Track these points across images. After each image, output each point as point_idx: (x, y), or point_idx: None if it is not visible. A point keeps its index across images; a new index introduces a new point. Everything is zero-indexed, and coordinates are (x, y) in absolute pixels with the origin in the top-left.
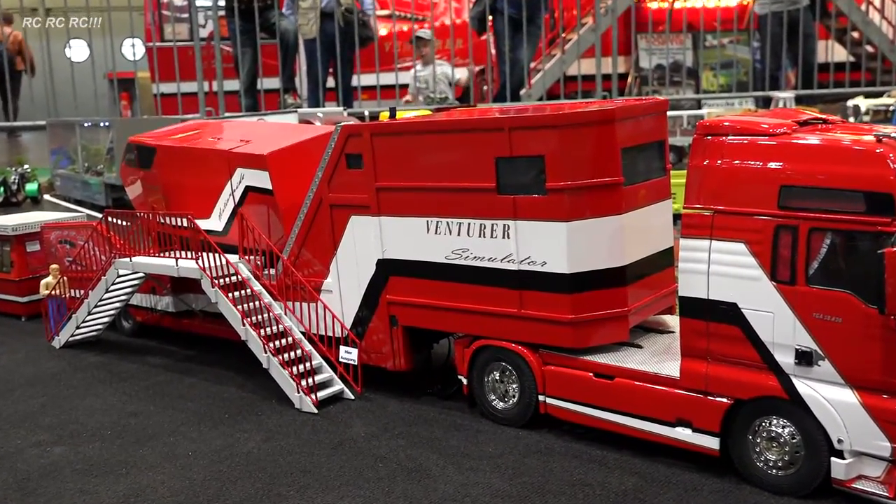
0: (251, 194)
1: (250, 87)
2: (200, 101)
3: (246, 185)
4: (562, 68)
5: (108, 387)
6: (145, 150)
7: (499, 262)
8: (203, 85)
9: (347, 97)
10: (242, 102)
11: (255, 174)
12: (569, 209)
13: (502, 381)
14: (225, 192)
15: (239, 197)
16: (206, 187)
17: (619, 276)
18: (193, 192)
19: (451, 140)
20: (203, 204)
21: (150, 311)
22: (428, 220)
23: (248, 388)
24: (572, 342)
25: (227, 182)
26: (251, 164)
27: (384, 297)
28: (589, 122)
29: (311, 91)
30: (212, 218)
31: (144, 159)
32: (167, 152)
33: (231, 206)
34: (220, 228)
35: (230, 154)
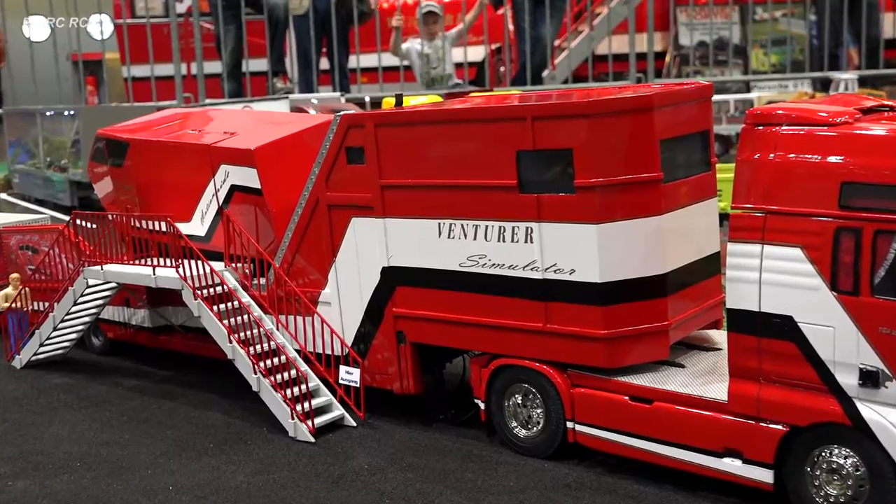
0: (237, 194)
1: (234, 70)
2: (177, 86)
3: (231, 184)
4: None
5: (77, 412)
6: (116, 144)
7: (521, 270)
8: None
9: (344, 81)
10: (225, 87)
11: (241, 171)
12: (600, 209)
13: (525, 405)
14: (207, 193)
15: (223, 197)
16: (186, 187)
17: (659, 285)
18: (172, 192)
19: (465, 131)
20: (183, 205)
21: (124, 326)
22: (440, 223)
23: (236, 413)
24: (605, 361)
25: (210, 180)
26: (237, 160)
27: (390, 310)
28: (624, 109)
29: (302, 74)
30: (193, 221)
31: (115, 154)
32: (141, 147)
33: (215, 208)
34: (203, 233)
35: (213, 149)
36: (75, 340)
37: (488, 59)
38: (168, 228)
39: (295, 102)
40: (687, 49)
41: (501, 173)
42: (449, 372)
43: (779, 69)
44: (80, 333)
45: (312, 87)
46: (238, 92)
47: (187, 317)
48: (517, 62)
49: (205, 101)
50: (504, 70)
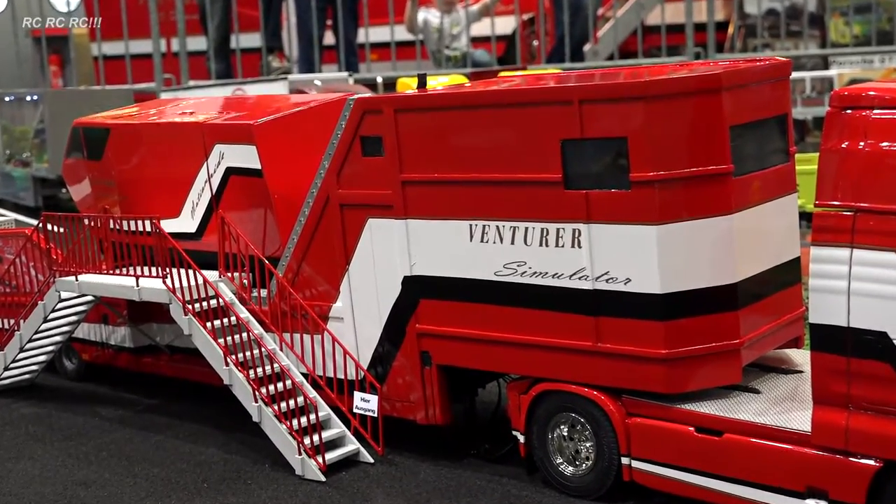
0: (234, 179)
1: (222, 47)
2: (156, 66)
3: (227, 167)
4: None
5: (49, 447)
6: (95, 134)
7: (567, 280)
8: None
9: (352, 58)
10: (212, 67)
11: (238, 150)
12: (660, 208)
13: (572, 438)
14: (199, 180)
15: (218, 183)
16: (174, 175)
17: (729, 297)
18: (158, 184)
19: (501, 117)
20: (171, 198)
21: (101, 346)
22: (471, 224)
23: (233, 447)
24: (667, 386)
25: (203, 164)
26: (233, 137)
27: (413, 326)
28: (687, 91)
29: (302, 51)
30: (182, 216)
31: (94, 147)
32: (123, 133)
33: (207, 197)
34: (193, 229)
35: (206, 126)
36: (45, 363)
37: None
38: (154, 231)
39: (295, 84)
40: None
41: (544, 166)
42: (482, 399)
43: (862, 41)
44: (51, 355)
45: (314, 65)
46: (227, 72)
47: (175, 335)
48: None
49: (188, 83)
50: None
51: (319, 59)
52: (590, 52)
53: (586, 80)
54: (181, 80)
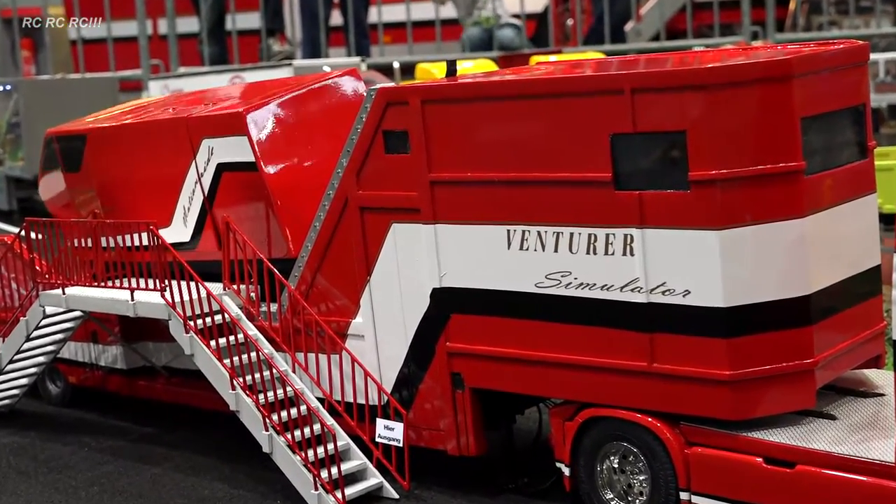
0: (226, 175)
1: (216, 29)
2: (142, 51)
3: (217, 163)
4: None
5: (34, 481)
6: (71, 142)
7: (618, 292)
8: (146, 26)
9: (362, 41)
10: (205, 51)
11: (228, 143)
12: (723, 211)
13: (624, 470)
14: (189, 181)
15: (209, 182)
16: (161, 179)
17: (801, 311)
18: (144, 190)
19: (543, 109)
20: (160, 204)
21: (90, 368)
22: (509, 230)
23: (239, 481)
24: (731, 411)
25: (191, 163)
26: (221, 130)
27: (443, 345)
28: (754, 78)
29: (306, 32)
30: (173, 224)
31: (70, 156)
32: (101, 137)
33: (199, 201)
34: (187, 237)
35: (190, 121)
36: (27, 387)
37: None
38: (151, 240)
39: (301, 71)
40: None
41: (591, 164)
42: (520, 427)
43: None
44: (34, 378)
45: (320, 49)
46: (222, 57)
47: (174, 355)
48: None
49: (178, 69)
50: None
51: (326, 42)
52: (632, 31)
53: (632, 66)
54: (170, 67)
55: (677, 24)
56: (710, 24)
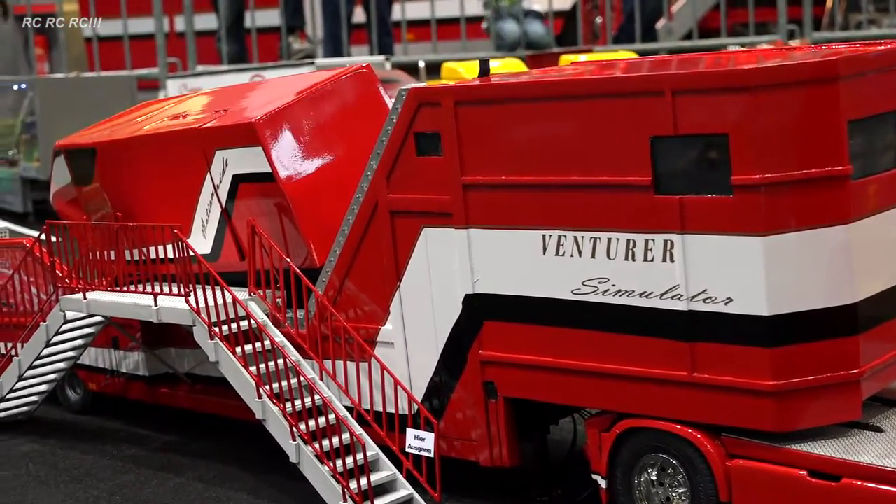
0: (243, 186)
1: (235, 26)
2: (159, 49)
3: (233, 175)
4: None
5: (54, 490)
6: (80, 157)
7: (657, 300)
8: (163, 23)
9: (385, 39)
10: (223, 49)
11: (242, 154)
12: (767, 216)
13: (663, 482)
14: (205, 193)
15: (226, 194)
16: (177, 192)
17: (847, 319)
18: (161, 203)
19: (580, 110)
20: (177, 217)
21: (111, 374)
22: (545, 235)
23: (265, 492)
24: (775, 423)
25: (206, 176)
26: (234, 141)
27: (475, 353)
28: (799, 80)
29: (328, 30)
30: (192, 236)
31: (81, 171)
32: (111, 151)
33: (217, 213)
34: (208, 249)
35: (202, 132)
36: (46, 394)
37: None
38: (175, 245)
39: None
40: None
41: (630, 167)
42: (554, 438)
43: None
44: (53, 384)
45: (342, 47)
46: (240, 56)
47: (197, 362)
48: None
49: (196, 68)
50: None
51: (347, 40)
52: (663, 30)
53: (664, 67)
54: (188, 65)
55: (710, 22)
56: (745, 22)
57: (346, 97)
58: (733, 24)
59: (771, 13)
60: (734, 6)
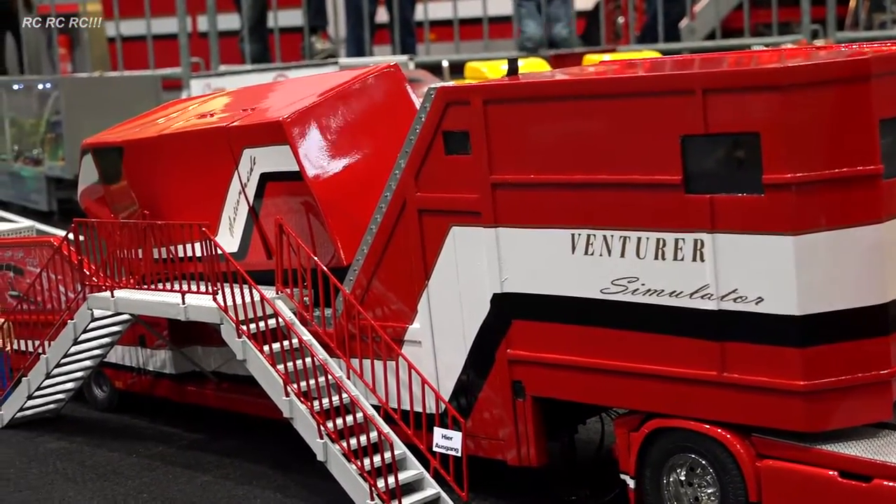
0: (271, 185)
1: (258, 26)
2: (182, 49)
3: (260, 174)
4: None
5: (82, 487)
6: (107, 155)
7: (687, 299)
8: (186, 23)
9: (408, 39)
10: (246, 49)
11: (270, 153)
12: (798, 215)
13: (691, 483)
14: (232, 191)
15: (254, 192)
16: (204, 189)
17: (879, 319)
18: (188, 202)
19: (611, 109)
20: (204, 216)
21: (137, 372)
22: (574, 234)
23: (292, 491)
24: (805, 423)
25: (234, 174)
26: (262, 139)
27: (503, 352)
28: (831, 79)
29: (351, 30)
30: (220, 235)
31: (109, 169)
32: (138, 149)
33: (245, 211)
34: (235, 248)
35: (230, 131)
36: (73, 392)
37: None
38: (204, 244)
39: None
40: None
41: (660, 166)
42: (581, 437)
43: None
44: (80, 382)
45: (365, 47)
46: (263, 55)
47: (224, 360)
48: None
49: (219, 67)
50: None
51: (370, 40)
52: (686, 29)
53: (686, 66)
54: (210, 65)
55: (733, 22)
56: (768, 22)
57: (373, 96)
58: (756, 24)
59: (794, 13)
60: (757, 6)
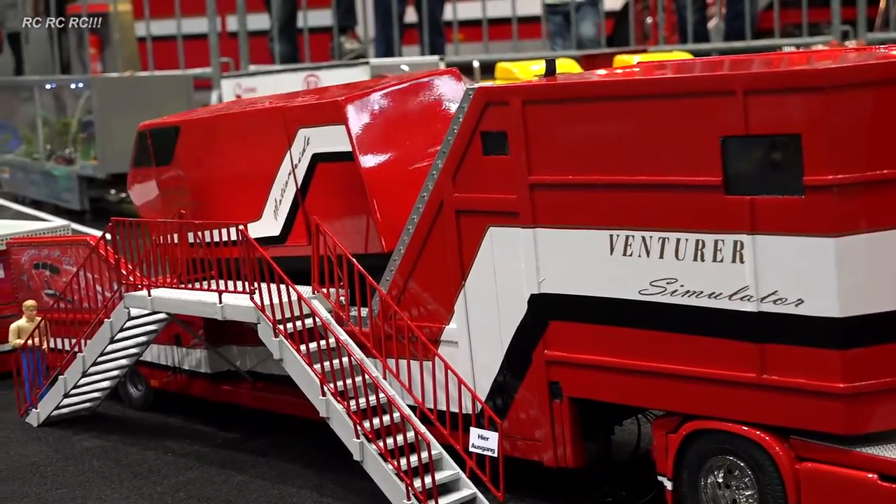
0: (321, 167)
1: (287, 26)
2: (212, 48)
3: (313, 154)
4: None
5: (117, 485)
6: (163, 135)
7: (726, 301)
8: (216, 22)
9: (437, 39)
10: (276, 49)
11: (325, 133)
12: (839, 217)
13: (729, 485)
14: (282, 173)
15: (304, 174)
16: (254, 170)
17: None
18: (236, 183)
19: (650, 110)
20: (251, 197)
21: (173, 371)
22: (612, 235)
23: (329, 490)
24: (845, 426)
25: (286, 154)
26: (319, 119)
27: (540, 353)
28: (872, 80)
29: (380, 30)
30: (264, 217)
31: (162, 149)
32: (195, 129)
33: (292, 193)
34: (277, 231)
35: (288, 110)
36: (108, 390)
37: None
38: (241, 240)
39: (378, 69)
40: None
41: (700, 167)
42: (618, 438)
43: None
44: (116, 381)
45: (393, 47)
46: (293, 55)
47: (259, 360)
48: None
49: (248, 67)
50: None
51: (399, 40)
52: (714, 30)
53: (715, 67)
54: (240, 65)
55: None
56: (797, 23)
57: (431, 96)
58: (785, 25)
59: (824, 13)
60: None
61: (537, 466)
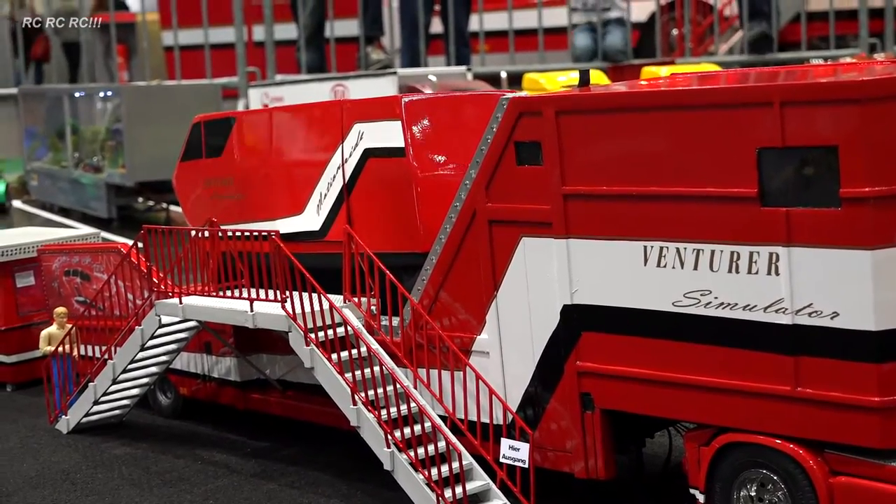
0: (371, 162)
1: (315, 36)
2: (239, 58)
3: (365, 149)
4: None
5: (147, 493)
6: (217, 127)
7: (761, 313)
8: (243, 32)
9: (463, 49)
10: (303, 58)
11: (380, 128)
12: (876, 230)
13: (762, 498)
14: (331, 167)
15: (353, 168)
16: (303, 163)
17: None
18: (283, 176)
19: (684, 121)
20: (296, 191)
21: (202, 379)
22: (646, 246)
23: (358, 499)
24: (880, 439)
25: (337, 149)
26: (376, 114)
27: (572, 364)
28: None
29: (406, 40)
30: (306, 211)
31: (214, 141)
32: (250, 121)
33: (338, 188)
34: (318, 227)
35: (345, 104)
36: (138, 398)
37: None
38: (273, 248)
39: (405, 80)
40: None
41: (735, 179)
42: (649, 451)
43: None
44: (145, 388)
45: (419, 57)
46: (320, 65)
47: (289, 368)
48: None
49: (275, 77)
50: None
51: (425, 50)
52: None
53: (742, 80)
54: (266, 74)
55: (789, 35)
56: (824, 35)
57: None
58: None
59: (851, 26)
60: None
61: (568, 478)
